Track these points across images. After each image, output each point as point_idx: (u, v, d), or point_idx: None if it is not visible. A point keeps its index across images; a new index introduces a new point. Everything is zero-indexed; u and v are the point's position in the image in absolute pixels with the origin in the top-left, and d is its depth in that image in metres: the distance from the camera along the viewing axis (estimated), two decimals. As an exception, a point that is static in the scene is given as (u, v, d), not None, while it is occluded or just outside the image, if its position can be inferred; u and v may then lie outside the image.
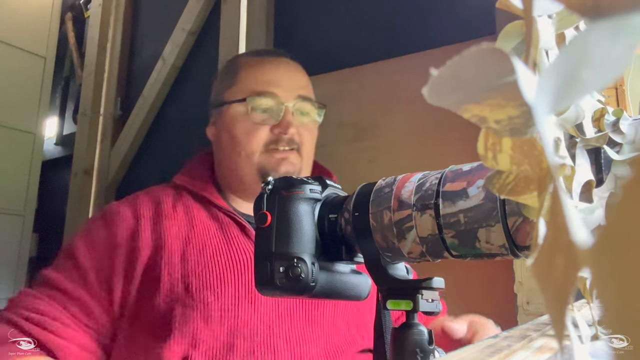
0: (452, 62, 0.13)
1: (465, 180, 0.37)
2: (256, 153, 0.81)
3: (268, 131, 0.81)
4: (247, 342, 0.70)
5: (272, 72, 0.84)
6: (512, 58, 0.12)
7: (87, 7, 2.58)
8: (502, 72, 0.13)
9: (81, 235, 0.79)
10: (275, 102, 0.81)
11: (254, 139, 0.81)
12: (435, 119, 1.18)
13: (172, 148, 1.85)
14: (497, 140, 0.17)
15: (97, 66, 2.13)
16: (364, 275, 0.50)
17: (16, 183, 2.30)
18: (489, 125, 0.15)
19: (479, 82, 0.13)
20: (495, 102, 0.14)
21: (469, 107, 0.14)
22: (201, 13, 1.77)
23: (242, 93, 0.84)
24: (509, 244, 0.35)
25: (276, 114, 0.81)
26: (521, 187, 0.19)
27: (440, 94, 0.14)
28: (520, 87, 0.12)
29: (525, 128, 0.14)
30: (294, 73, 0.86)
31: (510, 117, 0.14)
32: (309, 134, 0.85)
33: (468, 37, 1.16)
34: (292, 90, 0.83)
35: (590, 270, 0.09)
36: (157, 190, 0.84)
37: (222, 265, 0.75)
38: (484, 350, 0.27)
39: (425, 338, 0.42)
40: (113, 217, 0.78)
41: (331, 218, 0.47)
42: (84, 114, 2.12)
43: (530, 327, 0.38)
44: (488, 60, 0.13)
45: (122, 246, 0.75)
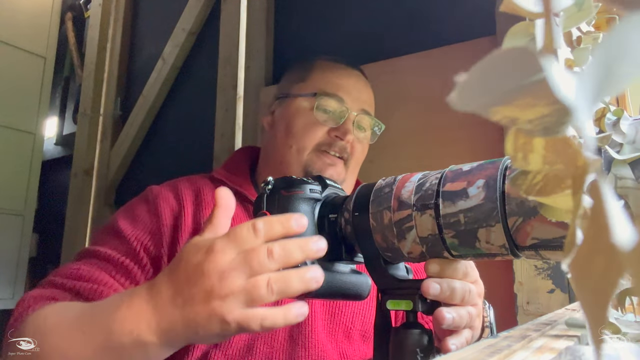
0: (478, 66, 0.13)
1: (466, 180, 0.37)
2: (307, 150, 0.81)
3: (325, 132, 0.81)
4: (267, 346, 0.71)
5: (344, 79, 0.85)
6: (540, 57, 0.12)
7: (87, 7, 2.58)
8: (530, 71, 0.13)
9: (122, 214, 0.76)
10: (341, 106, 0.82)
11: (309, 136, 0.81)
12: (435, 119, 1.18)
13: (172, 148, 1.85)
14: (528, 141, 0.17)
15: (97, 66, 2.13)
16: (364, 275, 0.50)
17: (16, 183, 2.30)
18: (521, 126, 0.15)
19: (507, 83, 0.13)
20: (525, 102, 0.14)
21: (498, 109, 0.14)
22: (201, 13, 1.77)
23: (312, 89, 0.84)
24: (509, 244, 0.35)
25: (338, 118, 0.82)
26: (551, 187, 0.18)
27: (468, 99, 0.14)
28: (554, 86, 0.12)
29: (558, 126, 0.14)
30: (364, 87, 0.87)
31: (542, 116, 0.14)
32: (361, 149, 0.85)
33: (468, 37, 1.16)
34: (358, 102, 0.84)
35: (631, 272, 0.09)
36: (197, 179, 0.83)
37: None
38: (484, 350, 0.27)
39: (425, 338, 0.42)
40: (156, 199, 0.76)
41: (331, 218, 0.47)
42: (84, 114, 2.12)
43: (530, 327, 0.38)
44: (515, 60, 0.13)
45: (167, 226, 0.73)
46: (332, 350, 0.75)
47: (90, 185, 2.04)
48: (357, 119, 0.83)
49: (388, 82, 1.26)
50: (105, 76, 2.14)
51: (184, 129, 1.82)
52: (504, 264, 0.97)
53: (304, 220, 0.43)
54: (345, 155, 0.82)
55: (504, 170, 0.36)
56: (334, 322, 0.76)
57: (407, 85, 1.23)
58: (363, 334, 0.78)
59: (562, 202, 0.19)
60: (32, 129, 2.38)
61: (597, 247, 0.12)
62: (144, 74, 1.94)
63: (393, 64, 1.26)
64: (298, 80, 0.87)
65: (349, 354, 0.76)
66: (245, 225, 0.43)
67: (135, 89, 2.01)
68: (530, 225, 0.33)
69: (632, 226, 0.11)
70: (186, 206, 0.76)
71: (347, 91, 0.83)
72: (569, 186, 0.17)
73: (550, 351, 0.27)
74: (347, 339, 0.77)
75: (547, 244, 0.33)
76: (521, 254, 0.36)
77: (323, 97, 0.82)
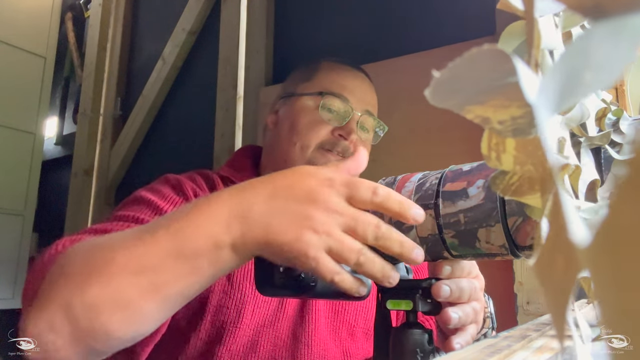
0: (454, 63, 0.13)
1: (465, 180, 0.38)
2: (311, 147, 0.81)
3: (329, 131, 0.82)
4: (270, 344, 0.71)
5: (350, 80, 0.86)
6: (513, 59, 0.12)
7: (87, 7, 2.58)
8: (504, 72, 0.13)
9: (145, 191, 0.73)
10: (346, 106, 0.83)
11: (313, 133, 0.81)
12: (436, 119, 1.17)
13: (172, 148, 1.85)
14: (501, 141, 0.17)
15: (97, 66, 2.13)
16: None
17: (16, 183, 2.30)
18: (493, 126, 0.15)
19: (482, 83, 0.13)
20: (498, 102, 0.14)
21: (472, 108, 0.14)
22: (201, 13, 1.77)
23: (317, 88, 0.85)
24: (509, 244, 0.35)
25: (342, 117, 0.82)
26: (525, 188, 0.19)
27: (443, 96, 0.14)
28: (522, 88, 0.12)
29: (528, 128, 0.14)
30: (368, 89, 0.88)
31: (514, 117, 0.14)
32: (365, 151, 0.85)
33: (468, 37, 1.16)
34: (362, 103, 0.85)
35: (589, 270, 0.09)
36: (209, 174, 0.83)
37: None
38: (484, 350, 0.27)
39: (425, 338, 0.42)
40: (179, 181, 0.75)
41: (331, 218, 0.47)
42: (84, 114, 2.12)
43: (530, 327, 0.38)
44: (490, 61, 0.13)
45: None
46: (335, 348, 0.75)
47: (90, 185, 2.04)
48: (360, 119, 0.83)
49: (388, 82, 1.26)
50: (105, 76, 2.14)
51: (184, 128, 1.82)
52: (504, 264, 0.97)
53: (421, 217, 0.40)
54: (347, 155, 0.82)
55: (504, 170, 0.36)
56: (338, 320, 0.77)
57: (407, 85, 1.23)
58: (366, 332, 0.78)
59: (534, 203, 0.19)
60: (32, 129, 2.37)
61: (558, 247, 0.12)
62: (144, 74, 1.94)
63: (393, 63, 1.26)
64: (303, 80, 0.88)
65: (352, 352, 0.76)
66: (366, 182, 0.42)
67: (135, 89, 2.01)
68: (530, 225, 0.34)
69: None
70: (203, 193, 0.76)
71: (352, 92, 0.84)
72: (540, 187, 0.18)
73: (550, 351, 0.27)
74: (350, 337, 0.77)
75: (547, 244, 0.33)
76: (521, 254, 0.36)
77: (328, 96, 0.82)
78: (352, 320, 0.77)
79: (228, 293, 0.72)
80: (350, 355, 0.76)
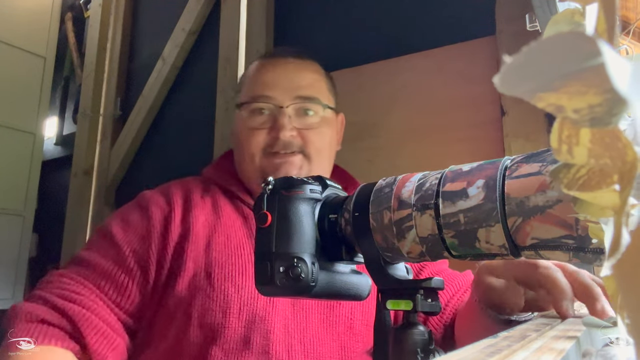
0: (528, 48, 0.12)
1: (465, 180, 0.38)
2: (256, 156, 0.82)
3: (266, 134, 0.81)
4: (263, 339, 0.71)
5: (270, 74, 0.84)
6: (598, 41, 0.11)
7: (87, 7, 2.58)
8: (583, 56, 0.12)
9: (115, 218, 0.80)
10: (271, 104, 0.82)
11: (252, 143, 0.82)
12: (435, 119, 1.18)
13: (172, 148, 1.85)
14: (574, 132, 0.16)
15: (97, 66, 2.13)
16: (364, 275, 0.50)
17: (16, 183, 2.30)
18: (567, 115, 0.13)
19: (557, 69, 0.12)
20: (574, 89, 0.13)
21: (544, 96, 0.13)
22: (201, 13, 1.77)
23: (243, 97, 0.85)
24: (509, 244, 0.35)
25: (273, 116, 0.81)
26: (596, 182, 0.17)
27: (513, 82, 0.13)
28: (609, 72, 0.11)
29: (608, 117, 0.13)
30: (295, 73, 0.84)
31: (591, 105, 0.13)
32: (316, 134, 0.83)
33: (468, 37, 1.16)
34: (289, 91, 0.82)
35: None
36: (188, 181, 0.86)
37: (244, 258, 0.76)
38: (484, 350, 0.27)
39: (425, 338, 0.42)
40: (147, 203, 0.80)
41: (331, 218, 0.47)
42: (84, 114, 2.12)
43: (530, 328, 0.38)
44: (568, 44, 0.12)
45: (156, 230, 0.76)
46: (332, 342, 0.75)
47: (90, 185, 2.04)
48: (293, 108, 0.81)
49: (387, 82, 1.26)
50: (105, 76, 2.14)
51: (184, 129, 1.82)
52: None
53: None
54: (294, 148, 0.81)
55: (503, 170, 0.36)
56: (333, 315, 0.76)
57: (406, 86, 1.23)
58: (366, 324, 0.78)
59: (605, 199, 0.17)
60: (32, 129, 2.38)
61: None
62: (144, 74, 1.94)
63: (392, 64, 1.26)
64: (238, 91, 0.90)
65: (350, 346, 0.76)
66: None
67: (135, 88, 2.01)
68: (529, 225, 0.33)
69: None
70: (176, 208, 0.79)
71: (274, 86, 0.82)
72: (615, 182, 0.16)
73: (550, 351, 0.27)
74: (348, 331, 0.77)
75: (547, 244, 0.33)
76: (521, 254, 0.36)
77: (250, 103, 0.83)
78: (348, 314, 0.77)
79: (211, 296, 0.72)
80: (349, 349, 0.76)
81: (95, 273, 0.73)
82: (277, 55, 0.89)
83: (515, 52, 0.13)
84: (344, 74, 1.32)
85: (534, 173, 0.34)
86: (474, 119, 1.12)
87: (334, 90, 0.91)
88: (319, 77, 0.87)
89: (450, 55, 1.17)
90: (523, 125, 1.03)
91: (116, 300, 0.72)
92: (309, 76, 0.85)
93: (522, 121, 1.03)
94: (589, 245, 0.31)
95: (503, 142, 1.05)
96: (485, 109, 1.10)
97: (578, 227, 0.31)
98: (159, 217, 0.77)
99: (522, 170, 0.35)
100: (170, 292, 0.74)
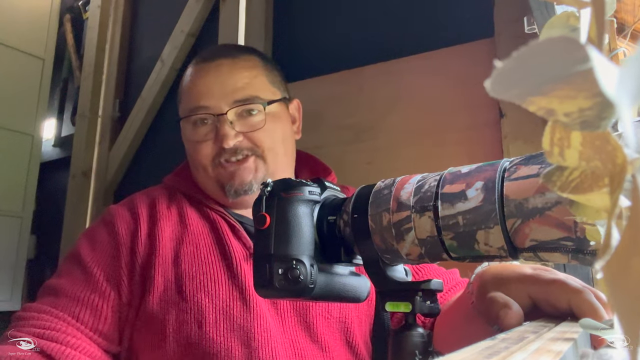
0: (519, 52, 0.12)
1: (464, 182, 0.38)
2: (208, 168, 0.80)
3: (212, 145, 0.79)
4: (245, 347, 0.69)
5: (202, 81, 0.80)
6: (587, 46, 0.11)
7: (85, 8, 2.58)
8: (572, 61, 0.12)
9: (83, 239, 0.79)
10: (209, 115, 0.79)
11: (200, 156, 0.80)
12: (434, 121, 1.18)
13: (170, 150, 1.85)
14: (565, 135, 0.16)
15: (95, 68, 2.13)
16: (363, 277, 0.50)
17: (14, 185, 2.29)
18: (558, 118, 0.14)
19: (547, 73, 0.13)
20: (564, 93, 0.13)
21: (535, 100, 0.13)
22: (200, 15, 1.77)
23: (182, 112, 0.84)
24: (508, 246, 0.35)
25: (214, 127, 0.79)
26: (588, 184, 0.17)
27: (504, 86, 0.13)
28: (597, 77, 0.11)
29: (597, 121, 0.13)
30: (227, 76, 0.80)
31: (581, 109, 0.13)
32: (264, 133, 0.79)
33: (466, 39, 1.16)
34: (225, 97, 0.78)
35: None
36: (153, 191, 0.85)
37: (214, 265, 0.74)
38: (482, 352, 0.27)
39: (424, 340, 0.42)
40: (112, 218, 0.79)
41: (330, 220, 0.47)
42: (83, 116, 2.12)
43: (528, 329, 0.38)
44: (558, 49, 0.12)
45: (125, 245, 0.75)
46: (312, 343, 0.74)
47: (89, 186, 2.04)
48: (233, 112, 0.78)
49: (386, 84, 1.26)
50: (103, 78, 2.14)
51: (183, 130, 1.82)
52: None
53: None
54: (246, 153, 0.78)
55: (502, 172, 0.36)
56: (310, 314, 0.76)
57: (405, 87, 1.23)
58: (344, 320, 0.77)
59: (598, 201, 0.18)
60: (30, 131, 2.37)
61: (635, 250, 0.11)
62: (143, 76, 1.94)
63: (391, 66, 1.26)
64: (178, 103, 0.87)
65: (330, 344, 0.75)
66: None
67: (134, 90, 2.01)
68: (528, 227, 0.34)
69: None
70: (141, 221, 0.77)
71: (208, 94, 0.79)
72: (606, 184, 0.16)
73: (548, 353, 0.27)
74: (326, 330, 0.76)
75: (546, 246, 0.33)
76: (520, 256, 0.36)
77: (189, 116, 0.80)
78: (325, 312, 0.76)
79: (184, 309, 0.71)
80: (329, 350, 0.75)
81: (69, 300, 0.71)
82: (208, 58, 0.83)
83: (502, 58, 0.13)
84: (343, 76, 1.32)
85: (533, 175, 0.34)
86: (472, 121, 1.12)
87: (279, 79, 0.86)
88: (256, 73, 0.82)
89: (449, 58, 1.18)
90: (521, 127, 1.03)
91: (94, 326, 0.70)
92: (244, 75, 0.80)
93: (521, 123, 1.03)
94: (588, 247, 0.31)
95: (502, 144, 1.06)
96: (484, 111, 1.11)
97: (577, 229, 0.31)
98: (125, 233, 0.76)
99: (520, 172, 0.35)
100: (143, 308, 0.72)
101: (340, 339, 0.77)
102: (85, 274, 0.73)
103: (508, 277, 0.51)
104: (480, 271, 0.56)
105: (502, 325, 0.46)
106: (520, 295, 0.48)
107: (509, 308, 0.46)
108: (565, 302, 0.45)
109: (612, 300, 0.12)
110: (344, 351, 0.77)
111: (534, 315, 0.46)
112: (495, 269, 0.54)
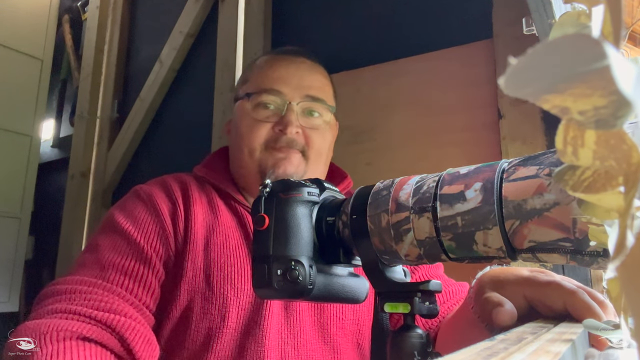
0: (534, 50, 0.12)
1: (463, 183, 0.38)
2: (257, 150, 0.80)
3: (270, 128, 0.79)
4: (257, 345, 0.70)
5: (282, 70, 0.83)
6: (603, 44, 0.11)
7: (84, 9, 2.58)
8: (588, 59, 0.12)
9: (119, 215, 0.76)
10: (279, 99, 0.80)
11: (254, 136, 0.80)
12: (433, 122, 1.18)
13: (169, 150, 1.85)
14: (579, 134, 0.16)
15: (94, 68, 2.13)
16: (362, 278, 0.50)
17: (13, 185, 2.29)
18: (572, 117, 0.13)
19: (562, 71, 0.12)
20: (579, 91, 0.13)
21: (549, 98, 0.13)
22: (199, 15, 1.77)
23: (250, 89, 0.83)
24: (506, 247, 0.35)
25: (279, 111, 0.80)
26: (601, 184, 0.17)
27: (518, 84, 0.13)
28: (614, 75, 0.11)
29: (613, 120, 0.13)
30: (307, 73, 0.83)
31: (596, 107, 0.13)
32: (319, 136, 0.82)
33: (465, 40, 1.17)
34: (300, 89, 0.81)
35: None
36: (182, 176, 0.84)
37: (242, 260, 0.74)
38: (481, 353, 0.27)
39: (422, 340, 0.42)
40: (151, 198, 0.77)
41: (329, 221, 0.47)
42: (81, 117, 2.11)
43: (526, 330, 0.38)
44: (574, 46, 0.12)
45: (168, 225, 0.74)
46: (324, 346, 0.74)
47: (87, 187, 2.04)
48: (301, 106, 0.80)
49: (386, 85, 1.26)
50: (102, 78, 2.14)
51: (182, 131, 1.82)
52: (501, 266, 0.97)
53: None
54: (297, 146, 0.79)
55: (501, 173, 0.36)
56: (324, 316, 0.76)
57: (403, 89, 1.23)
58: (357, 322, 0.77)
59: (610, 201, 0.17)
60: (29, 132, 2.37)
61: None
62: (142, 77, 1.94)
63: (391, 67, 1.26)
64: (242, 82, 0.87)
65: (342, 348, 0.75)
66: None
67: (133, 91, 2.01)
68: (527, 228, 0.34)
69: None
70: (178, 202, 0.77)
71: (286, 82, 0.81)
72: (620, 184, 0.16)
73: (546, 354, 0.27)
74: (340, 332, 0.76)
75: (544, 247, 0.33)
76: (518, 256, 0.36)
77: (259, 94, 0.81)
78: (339, 313, 0.76)
79: (209, 299, 0.71)
80: (340, 352, 0.75)
81: (117, 272, 0.69)
82: (290, 52, 0.87)
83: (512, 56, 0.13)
84: (342, 77, 1.32)
85: (532, 176, 0.34)
86: (471, 122, 1.12)
87: (336, 97, 0.91)
88: (327, 82, 0.87)
89: (448, 59, 1.18)
90: (520, 128, 1.04)
91: (142, 299, 0.69)
92: (319, 78, 0.85)
93: (519, 124, 1.04)
94: (587, 248, 0.31)
95: (500, 145, 1.06)
96: (483, 112, 1.11)
97: (575, 230, 0.31)
98: (167, 213, 0.75)
99: (519, 173, 0.35)
100: (170, 295, 0.72)
101: (352, 341, 0.77)
102: (130, 246, 0.71)
103: (505, 279, 0.52)
104: (480, 275, 0.57)
105: (495, 323, 0.46)
106: (516, 297, 0.49)
107: (502, 306, 0.46)
108: (560, 303, 0.45)
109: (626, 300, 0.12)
110: (353, 354, 0.77)
111: (530, 318, 0.46)
112: (494, 272, 0.55)
